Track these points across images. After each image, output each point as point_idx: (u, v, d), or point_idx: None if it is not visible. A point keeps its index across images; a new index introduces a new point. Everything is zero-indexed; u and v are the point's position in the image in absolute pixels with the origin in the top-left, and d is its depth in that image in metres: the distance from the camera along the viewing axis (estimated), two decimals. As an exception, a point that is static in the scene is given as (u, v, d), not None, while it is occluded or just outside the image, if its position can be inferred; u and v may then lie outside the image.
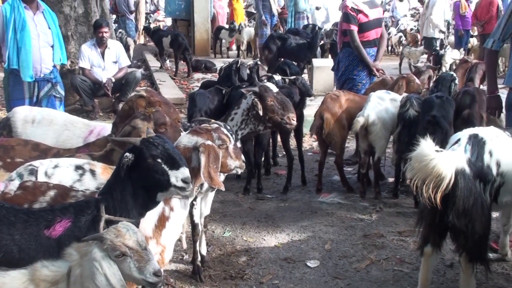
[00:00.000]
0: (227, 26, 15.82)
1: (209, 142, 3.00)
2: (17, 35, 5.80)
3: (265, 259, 4.18)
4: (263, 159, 6.01)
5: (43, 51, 5.96)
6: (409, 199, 5.34)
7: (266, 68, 8.36)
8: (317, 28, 11.43)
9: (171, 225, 2.96)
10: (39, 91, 6.02)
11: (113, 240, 2.12)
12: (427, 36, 13.04)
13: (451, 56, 10.90)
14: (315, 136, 6.00)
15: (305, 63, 10.32)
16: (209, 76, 11.48)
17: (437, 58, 11.05)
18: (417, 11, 19.69)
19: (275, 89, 4.40)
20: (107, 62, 8.28)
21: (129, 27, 16.09)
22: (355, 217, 4.97)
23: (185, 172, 2.51)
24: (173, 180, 2.49)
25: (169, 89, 9.73)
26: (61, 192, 2.70)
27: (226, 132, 3.21)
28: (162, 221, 2.92)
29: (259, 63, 7.12)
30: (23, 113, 4.41)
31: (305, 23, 12.84)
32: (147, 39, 17.70)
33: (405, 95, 5.44)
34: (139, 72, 9.00)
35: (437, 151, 3.02)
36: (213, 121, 3.41)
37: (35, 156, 3.47)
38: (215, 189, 3.46)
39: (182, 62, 12.41)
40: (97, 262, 2.09)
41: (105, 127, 4.23)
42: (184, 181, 2.50)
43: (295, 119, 4.32)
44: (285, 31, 12.16)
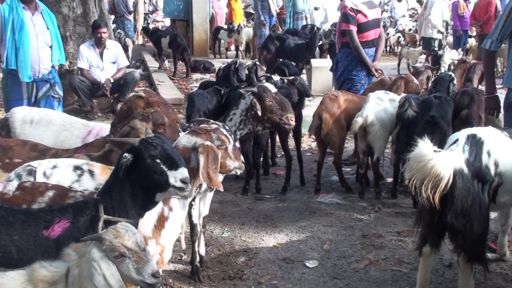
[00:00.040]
0: (225, 26, 15.82)
1: (208, 142, 3.00)
2: (16, 35, 5.79)
3: (264, 259, 4.18)
4: (261, 159, 6.01)
5: (41, 52, 5.96)
6: (407, 199, 5.35)
7: (264, 68, 8.38)
8: (316, 28, 11.44)
9: (170, 225, 2.96)
10: (38, 91, 6.01)
11: (112, 240, 2.12)
12: (426, 36, 13.05)
13: (450, 56, 10.91)
14: (313, 136, 6.00)
15: (303, 63, 10.33)
16: (208, 76, 11.48)
17: (435, 58, 11.06)
18: (415, 12, 19.69)
19: (273, 89, 4.40)
20: (105, 62, 8.28)
21: (127, 28, 16.08)
22: (354, 217, 4.97)
23: (183, 172, 2.51)
24: (172, 180, 2.49)
25: (168, 90, 9.73)
26: (59, 192, 2.69)
27: (225, 132, 3.21)
28: (161, 221, 2.93)
29: (258, 63, 7.12)
30: (21, 113, 4.41)
31: (304, 23, 12.85)
32: (146, 39, 17.68)
33: (403, 95, 5.45)
34: (138, 72, 9.00)
35: (435, 152, 3.02)
36: (212, 121, 3.41)
37: (33, 156, 3.47)
38: (214, 190, 3.46)
39: (180, 62, 12.41)
40: (96, 262, 2.09)
41: (103, 128, 4.23)
42: (183, 181, 2.50)
43: (293, 119, 4.32)
44: (283, 32, 12.17)
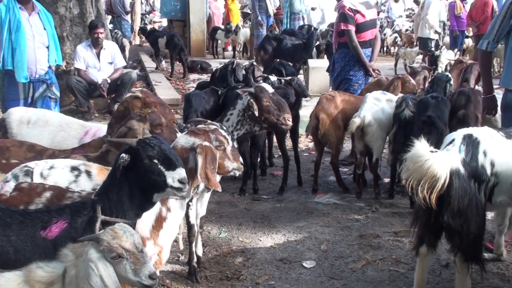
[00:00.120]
0: (223, 26, 15.82)
1: (207, 143, 3.00)
2: (12, 35, 5.78)
3: (261, 260, 4.18)
4: (259, 159, 6.01)
5: (38, 52, 5.95)
6: (404, 199, 5.36)
7: (262, 68, 8.37)
8: (313, 28, 11.45)
9: (168, 225, 2.96)
10: (34, 92, 6.00)
11: (109, 241, 2.12)
12: (423, 36, 13.07)
13: (446, 56, 10.93)
14: (310, 136, 6.02)
15: (300, 63, 10.34)
16: (205, 76, 11.47)
17: (432, 58, 11.09)
18: (412, 12, 19.75)
19: (270, 89, 4.41)
20: (102, 63, 8.27)
21: (124, 28, 16.07)
22: (351, 218, 4.98)
23: (181, 172, 2.51)
24: (170, 180, 2.49)
25: (165, 90, 9.73)
26: (57, 193, 2.69)
27: (224, 133, 3.20)
28: (159, 222, 2.93)
29: (255, 63, 7.12)
30: (18, 114, 4.40)
31: (301, 23, 12.86)
32: (143, 39, 17.68)
33: (400, 95, 5.46)
34: (135, 73, 8.99)
35: (432, 152, 3.03)
36: (209, 121, 3.41)
37: (30, 157, 3.46)
38: (211, 190, 3.46)
39: (177, 62, 12.40)
40: (93, 263, 2.09)
41: (100, 128, 4.23)
42: (180, 181, 2.51)
43: (290, 119, 4.33)
44: (280, 32, 12.18)
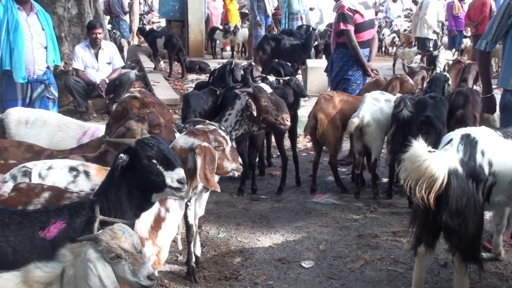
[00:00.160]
0: (221, 27, 15.82)
1: (205, 143, 3.00)
2: (10, 36, 5.77)
3: (260, 260, 4.18)
4: (257, 159, 6.01)
5: (36, 52, 5.94)
6: (403, 199, 5.36)
7: (260, 69, 8.37)
8: (311, 29, 11.45)
9: (167, 226, 2.96)
10: (32, 92, 5.99)
11: (108, 242, 2.12)
12: (421, 36, 13.08)
13: (445, 56, 10.94)
14: (309, 136, 6.01)
15: (299, 63, 10.34)
16: (203, 77, 11.47)
17: (430, 58, 11.09)
18: (411, 12, 19.75)
19: (269, 89, 4.40)
20: (100, 63, 8.27)
21: (123, 28, 16.07)
22: (350, 218, 4.98)
23: (180, 173, 2.51)
24: (169, 181, 2.49)
25: (163, 90, 9.73)
26: (55, 194, 2.69)
27: (223, 134, 3.20)
28: (158, 222, 2.93)
29: (253, 64, 7.13)
30: (16, 114, 4.40)
31: (299, 24, 12.86)
32: (141, 40, 17.68)
33: (399, 95, 5.46)
34: (133, 73, 8.99)
35: (430, 152, 3.04)
36: (208, 122, 3.41)
37: (28, 157, 3.46)
38: (209, 190, 3.46)
39: (176, 63, 12.40)
40: (92, 263, 2.09)
41: (98, 128, 4.23)
42: (179, 181, 2.51)
43: (289, 119, 4.33)
44: (279, 32, 12.18)
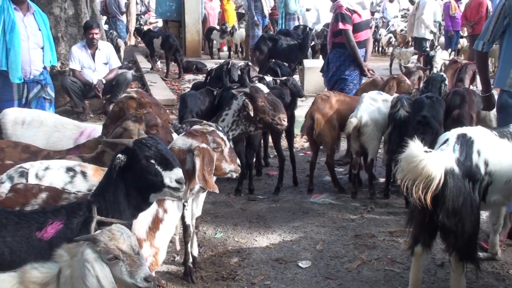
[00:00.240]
0: (218, 27, 15.82)
1: (204, 145, 3.00)
2: (6, 36, 5.75)
3: (257, 260, 4.18)
4: (254, 160, 6.01)
5: (32, 53, 5.92)
6: (400, 199, 5.37)
7: (257, 69, 8.39)
8: (308, 29, 11.47)
9: (165, 227, 2.96)
10: (29, 92, 5.97)
11: (107, 242, 2.12)
12: (418, 36, 13.10)
13: (441, 56, 10.96)
14: (306, 136, 6.02)
15: (296, 64, 10.36)
16: (200, 77, 11.46)
17: (427, 59, 11.11)
18: (407, 12, 19.78)
19: (266, 90, 4.41)
20: (97, 63, 8.25)
21: (119, 28, 16.05)
22: (347, 218, 4.99)
23: (178, 172, 2.51)
24: (167, 180, 2.49)
25: (160, 90, 9.72)
26: (53, 194, 2.69)
27: (221, 135, 3.20)
28: (156, 223, 2.93)
29: (250, 64, 7.14)
30: (13, 114, 4.39)
31: (296, 24, 12.87)
32: (138, 40, 17.67)
33: (396, 95, 5.48)
34: (130, 73, 8.98)
35: (426, 152, 3.04)
36: (205, 122, 3.41)
37: (25, 158, 3.46)
38: (206, 190, 3.46)
39: (173, 63, 12.39)
40: (89, 263, 2.09)
41: (95, 129, 4.23)
42: (178, 181, 2.51)
43: (286, 119, 4.33)
44: (276, 32, 12.19)
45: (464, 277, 3.32)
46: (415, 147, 3.02)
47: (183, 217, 3.72)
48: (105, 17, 16.48)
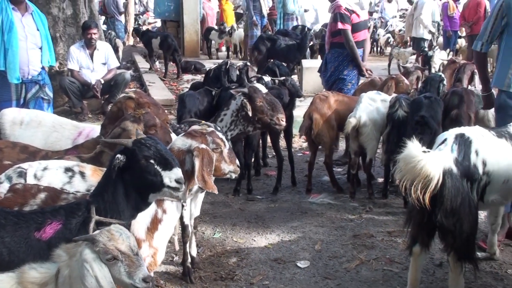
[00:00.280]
0: (216, 27, 15.82)
1: (203, 145, 3.00)
2: (4, 36, 5.74)
3: (256, 260, 4.18)
4: (253, 160, 6.02)
5: (30, 53, 5.92)
6: (398, 199, 5.37)
7: (255, 69, 8.38)
8: (307, 29, 11.48)
9: (164, 227, 2.97)
10: (27, 92, 5.96)
11: (105, 243, 2.12)
12: (416, 36, 13.12)
13: (439, 57, 10.97)
14: (304, 136, 6.02)
15: (294, 64, 10.36)
16: (199, 77, 11.47)
17: (425, 59, 11.12)
18: (406, 12, 19.79)
19: (264, 90, 4.41)
20: (96, 63, 8.26)
21: (118, 28, 16.06)
22: (345, 218, 4.99)
23: (178, 172, 2.52)
24: (167, 180, 2.50)
25: (159, 91, 9.72)
26: (52, 194, 2.69)
27: (221, 136, 3.20)
28: (154, 224, 2.93)
29: (249, 64, 7.14)
30: (11, 115, 4.39)
31: (294, 24, 12.89)
32: (137, 40, 17.67)
33: (394, 95, 5.48)
34: (128, 73, 8.98)
35: (424, 152, 3.05)
36: (204, 122, 3.41)
37: (23, 158, 3.45)
38: (205, 191, 3.46)
39: (171, 63, 12.39)
40: (88, 263, 2.09)
41: (94, 129, 4.23)
42: (177, 181, 2.51)
43: (284, 119, 4.34)
44: (274, 32, 12.19)
45: (462, 277, 3.33)
46: (413, 147, 3.03)
47: (181, 217, 3.71)
48: (103, 17, 16.48)
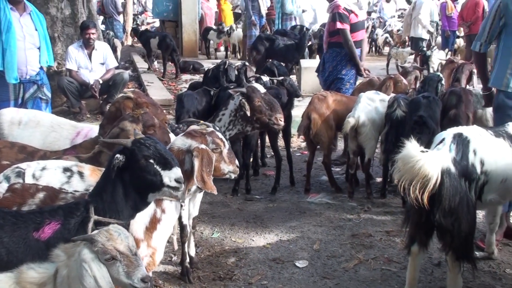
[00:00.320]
0: (215, 27, 15.82)
1: (203, 146, 3.00)
2: (2, 36, 5.73)
3: (254, 260, 4.18)
4: (251, 160, 6.02)
5: (29, 53, 5.91)
6: (396, 198, 5.38)
7: (254, 69, 8.38)
8: (305, 29, 11.48)
9: (162, 227, 2.96)
10: (25, 92, 5.95)
11: (104, 243, 2.12)
12: (415, 36, 13.13)
13: (438, 56, 10.98)
14: (303, 136, 6.02)
15: (293, 64, 10.37)
16: (197, 77, 11.47)
17: (424, 58, 11.13)
18: (404, 12, 19.80)
19: (262, 90, 4.41)
20: (94, 63, 8.25)
21: (116, 28, 16.06)
22: (344, 217, 4.99)
23: (177, 172, 2.52)
24: (166, 180, 2.50)
25: (157, 91, 9.72)
26: (50, 194, 2.69)
27: (220, 136, 3.20)
28: (153, 224, 2.93)
29: (247, 64, 7.14)
30: (9, 114, 4.38)
31: (293, 24, 12.89)
32: (135, 40, 17.66)
33: (392, 95, 5.48)
34: (127, 73, 8.98)
35: (423, 152, 3.05)
36: (202, 122, 3.41)
37: (21, 158, 3.45)
38: (203, 190, 3.47)
39: (170, 63, 12.39)
40: (87, 263, 2.08)
41: (92, 129, 4.23)
42: (177, 181, 2.51)
43: (282, 119, 4.34)
44: (273, 32, 12.20)
45: (460, 276, 3.33)
46: (411, 147, 3.03)
47: (180, 217, 3.71)
48: (102, 17, 16.46)
